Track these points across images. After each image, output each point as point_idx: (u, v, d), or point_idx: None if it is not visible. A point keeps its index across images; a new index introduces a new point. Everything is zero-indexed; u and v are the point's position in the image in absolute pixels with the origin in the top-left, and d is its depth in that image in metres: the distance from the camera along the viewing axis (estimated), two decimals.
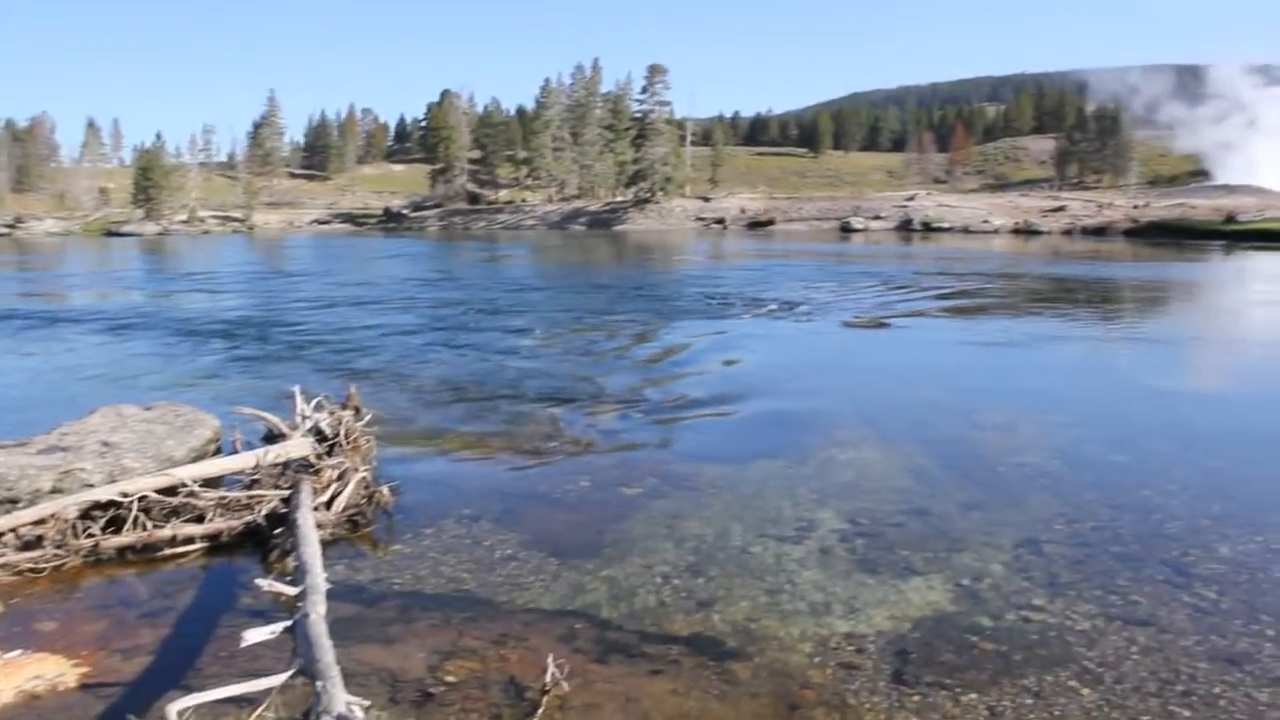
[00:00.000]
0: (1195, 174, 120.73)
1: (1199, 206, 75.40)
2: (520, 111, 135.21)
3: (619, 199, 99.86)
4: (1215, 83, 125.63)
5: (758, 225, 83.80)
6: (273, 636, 5.12)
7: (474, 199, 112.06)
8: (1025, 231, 70.73)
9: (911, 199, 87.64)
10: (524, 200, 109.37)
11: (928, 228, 75.21)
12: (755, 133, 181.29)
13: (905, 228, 76.80)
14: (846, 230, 76.33)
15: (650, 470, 9.85)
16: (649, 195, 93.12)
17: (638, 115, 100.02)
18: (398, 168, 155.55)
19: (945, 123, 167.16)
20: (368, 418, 9.85)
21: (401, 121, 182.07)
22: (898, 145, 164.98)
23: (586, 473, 9.80)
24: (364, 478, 8.66)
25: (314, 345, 18.29)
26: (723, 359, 16.48)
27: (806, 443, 10.84)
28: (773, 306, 24.35)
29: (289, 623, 5.23)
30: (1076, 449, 10.65)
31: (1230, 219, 62.82)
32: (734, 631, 6.24)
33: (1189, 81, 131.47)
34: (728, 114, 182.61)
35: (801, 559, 7.41)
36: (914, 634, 6.20)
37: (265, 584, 5.99)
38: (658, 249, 57.95)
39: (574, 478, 9.63)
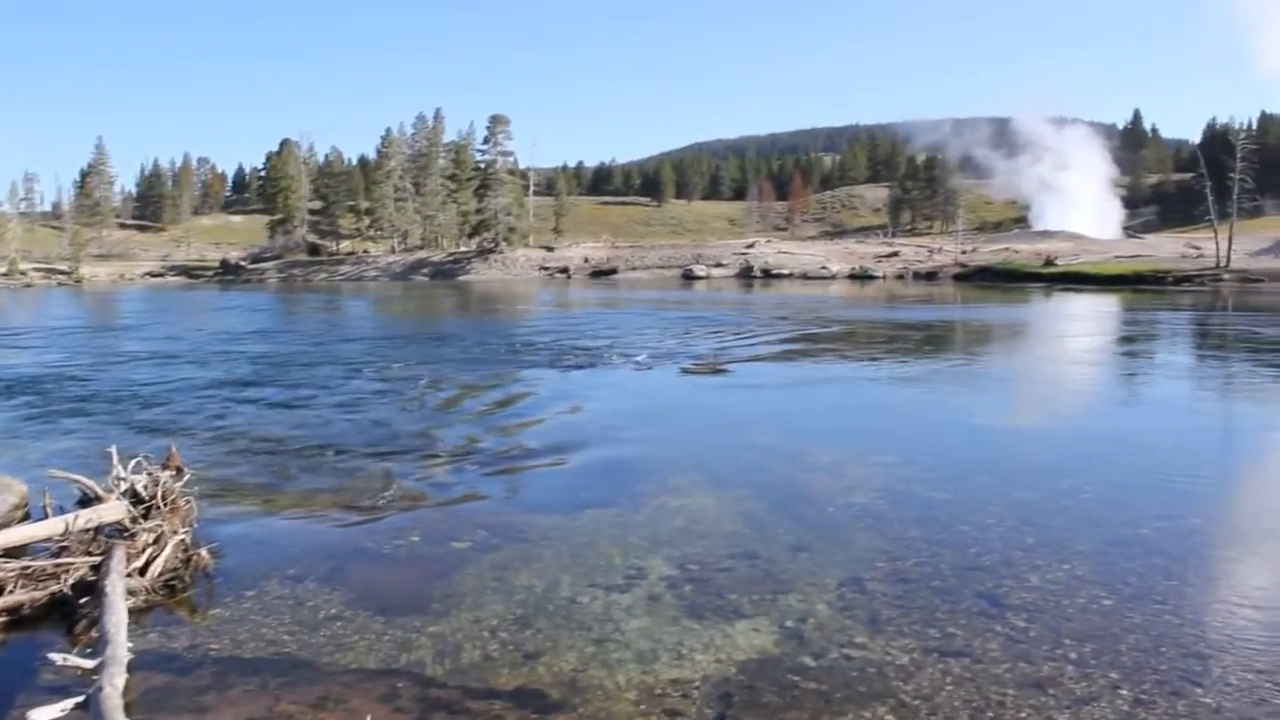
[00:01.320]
0: (1017, 220, 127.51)
1: (1021, 251, 79.57)
2: (362, 161, 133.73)
3: (462, 249, 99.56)
4: (1023, 132, 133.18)
5: (601, 274, 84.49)
6: (63, 715, 4.85)
7: (315, 250, 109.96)
8: (861, 276, 73.13)
9: (752, 246, 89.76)
10: (366, 251, 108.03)
11: (768, 274, 77.08)
12: (599, 182, 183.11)
13: (746, 274, 78.50)
14: (689, 277, 77.61)
15: (482, 523, 9.75)
16: (492, 245, 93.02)
17: (480, 165, 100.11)
18: (236, 218, 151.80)
19: (784, 172, 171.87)
20: (187, 477, 9.49)
21: (240, 171, 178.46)
22: (739, 194, 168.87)
23: (417, 527, 9.62)
24: (182, 540, 8.32)
25: (135, 402, 17.55)
26: (560, 408, 16.45)
27: (640, 490, 10.89)
28: (612, 355, 24.48)
29: (81, 698, 4.96)
30: (901, 487, 10.95)
31: (1049, 262, 66.34)
32: (559, 683, 6.18)
33: (1002, 131, 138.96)
34: (571, 164, 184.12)
35: (630, 607, 7.41)
36: (739, 677, 6.25)
37: (59, 658, 5.67)
38: (501, 299, 57.81)
39: (404, 533, 9.45)
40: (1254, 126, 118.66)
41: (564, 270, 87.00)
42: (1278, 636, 6.74)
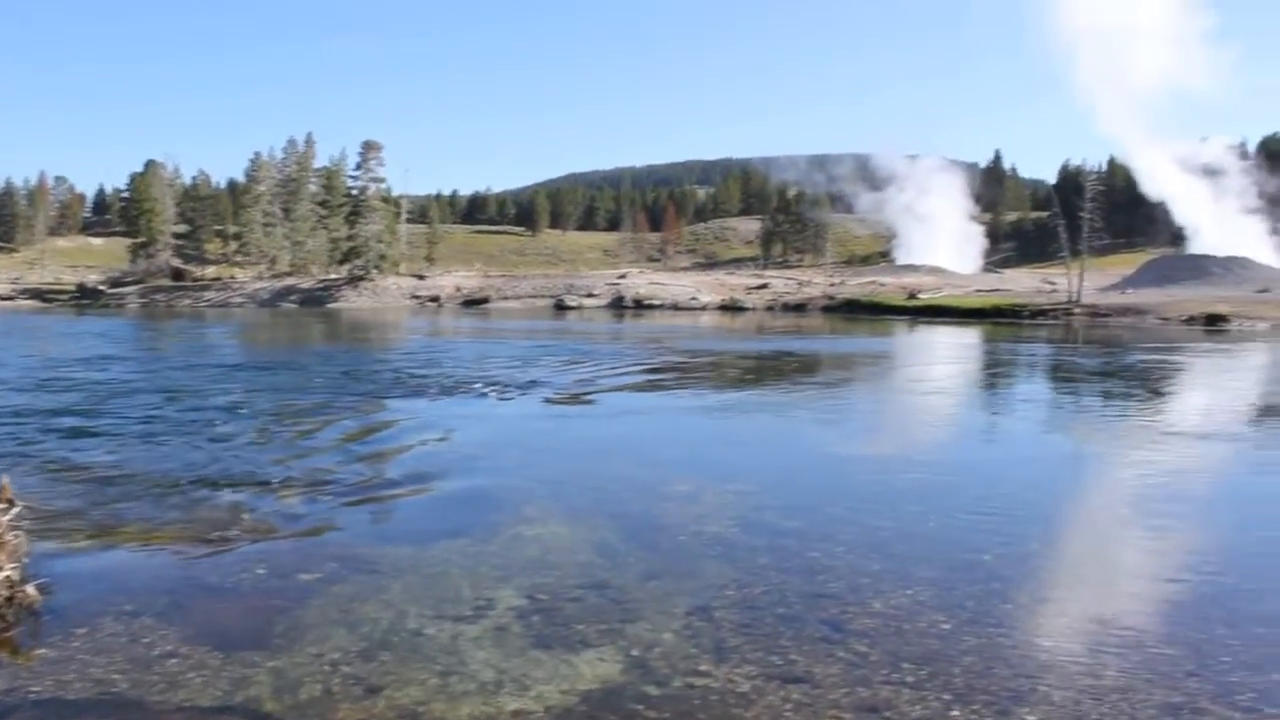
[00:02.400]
0: (884, 254, 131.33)
1: (887, 284, 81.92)
2: (231, 185, 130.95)
3: (332, 276, 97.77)
4: (884, 168, 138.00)
5: (473, 303, 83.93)
6: None
7: (179, 275, 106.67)
8: (732, 308, 74.07)
9: (624, 277, 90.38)
10: (233, 277, 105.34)
11: (639, 304, 77.54)
12: (474, 211, 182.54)
13: (618, 305, 78.85)
14: (561, 308, 77.63)
15: (332, 555, 9.54)
16: (363, 273, 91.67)
17: (352, 191, 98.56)
18: (96, 241, 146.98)
19: (659, 203, 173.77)
20: (16, 510, 9.07)
21: (100, 192, 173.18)
22: (613, 224, 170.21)
23: (264, 560, 9.36)
24: (7, 577, 7.94)
25: None
26: (420, 438, 16.22)
27: (494, 520, 10.80)
28: (478, 385, 24.27)
29: None
30: (754, 516, 11.08)
31: (913, 295, 68.35)
32: (401, 716, 6.08)
33: (865, 167, 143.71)
34: (446, 192, 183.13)
35: (476, 638, 7.33)
36: (581, 707, 6.23)
37: None
38: (370, 327, 57.02)
39: (250, 566, 9.19)
40: (1104, 169, 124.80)
41: (435, 299, 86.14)
42: (1099, 653, 7.03)
